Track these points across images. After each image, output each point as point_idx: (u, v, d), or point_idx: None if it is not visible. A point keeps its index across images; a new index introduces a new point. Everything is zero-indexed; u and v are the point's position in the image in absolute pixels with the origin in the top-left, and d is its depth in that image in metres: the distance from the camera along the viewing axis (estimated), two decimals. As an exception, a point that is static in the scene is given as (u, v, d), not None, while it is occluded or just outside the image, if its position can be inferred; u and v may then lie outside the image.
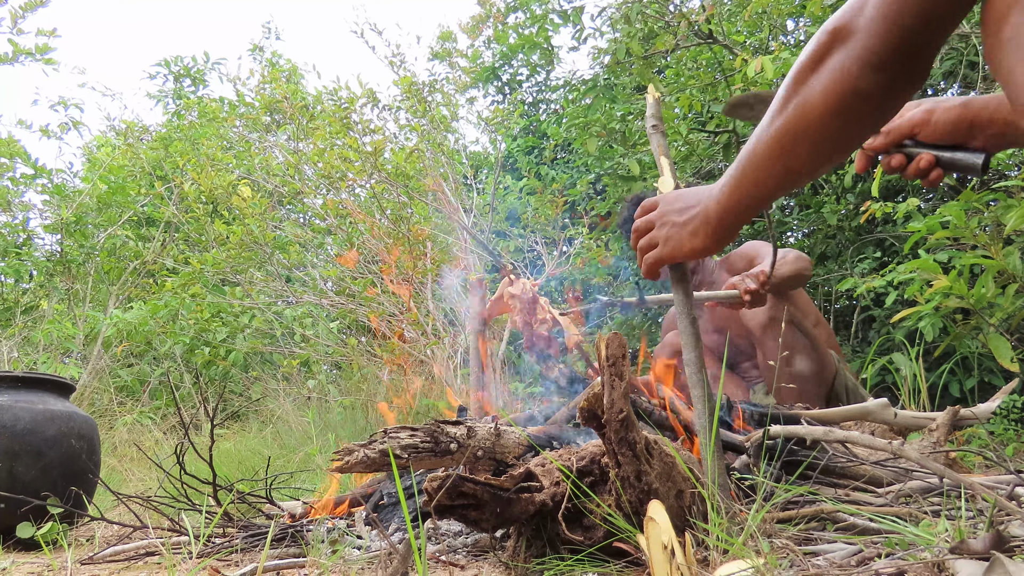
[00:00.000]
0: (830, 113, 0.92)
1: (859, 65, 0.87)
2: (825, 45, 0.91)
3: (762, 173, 1.07)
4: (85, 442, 2.27)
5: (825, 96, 0.92)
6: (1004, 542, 0.92)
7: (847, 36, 0.88)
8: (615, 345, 1.19)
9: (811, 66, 0.93)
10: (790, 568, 1.08)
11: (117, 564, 1.68)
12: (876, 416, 1.93)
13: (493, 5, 6.51)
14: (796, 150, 1.00)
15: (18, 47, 4.91)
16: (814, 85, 0.93)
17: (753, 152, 1.06)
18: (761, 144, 1.04)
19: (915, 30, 0.83)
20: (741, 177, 1.11)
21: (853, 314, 4.07)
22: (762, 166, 1.06)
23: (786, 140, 1.00)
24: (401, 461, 1.57)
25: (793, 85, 0.97)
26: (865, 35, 0.86)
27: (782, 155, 1.02)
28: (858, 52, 0.87)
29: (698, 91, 4.37)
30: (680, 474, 1.27)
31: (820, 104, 0.93)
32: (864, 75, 0.88)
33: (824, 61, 0.91)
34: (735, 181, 1.12)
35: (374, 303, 5.16)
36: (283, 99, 5.69)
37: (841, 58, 0.89)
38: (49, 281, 6.39)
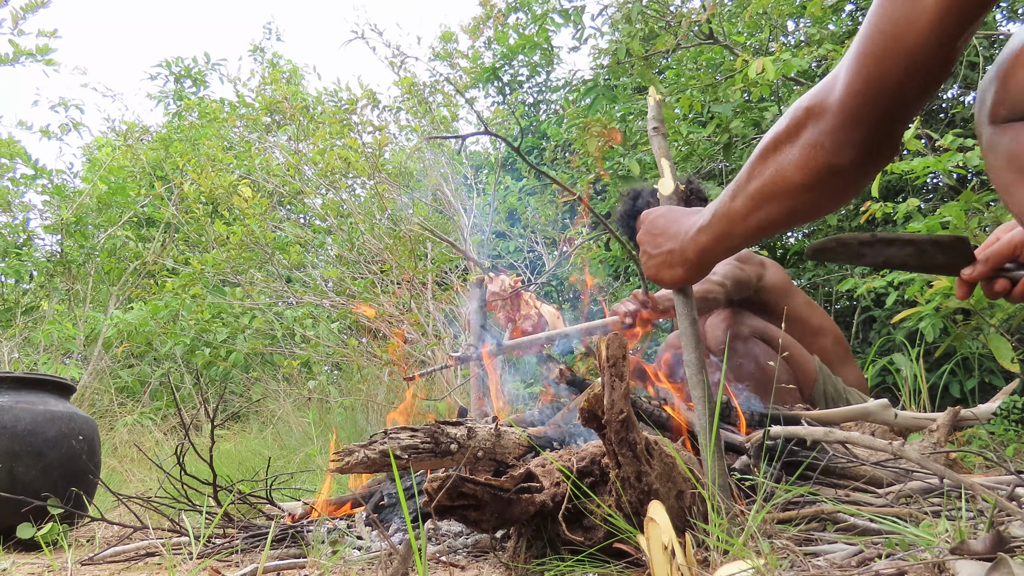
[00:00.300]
0: (804, 186, 0.96)
1: (831, 141, 0.90)
2: (799, 120, 0.94)
3: (737, 226, 1.12)
4: (85, 443, 2.27)
5: (800, 170, 0.95)
6: (1004, 543, 0.92)
7: (820, 114, 0.91)
8: (616, 346, 1.19)
9: (786, 138, 0.96)
10: (790, 569, 1.08)
11: (117, 565, 1.68)
12: (876, 417, 1.93)
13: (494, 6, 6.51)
14: (771, 210, 1.04)
15: (19, 48, 4.91)
16: (790, 157, 0.96)
17: (730, 207, 1.11)
18: (738, 201, 1.08)
19: (884, 109, 0.86)
20: (718, 224, 1.16)
21: (854, 315, 4.07)
22: (737, 219, 1.10)
23: (761, 201, 1.04)
24: (401, 462, 1.57)
25: (771, 151, 1.00)
26: (836, 114, 0.89)
27: (756, 212, 1.06)
28: (830, 129, 0.90)
29: (698, 91, 4.37)
30: (680, 475, 1.27)
31: (795, 176, 0.96)
32: (836, 151, 0.90)
33: (799, 135, 0.94)
34: (712, 228, 1.17)
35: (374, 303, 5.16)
36: (283, 100, 5.69)
37: (814, 134, 0.92)
38: (49, 282, 6.39)
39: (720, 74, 4.50)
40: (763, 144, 1.01)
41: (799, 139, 0.94)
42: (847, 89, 0.87)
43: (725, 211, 1.12)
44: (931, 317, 3.02)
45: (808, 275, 4.45)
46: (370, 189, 5.62)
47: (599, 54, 5.49)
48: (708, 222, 1.18)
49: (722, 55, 4.60)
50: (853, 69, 0.86)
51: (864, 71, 0.85)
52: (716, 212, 1.15)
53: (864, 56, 0.85)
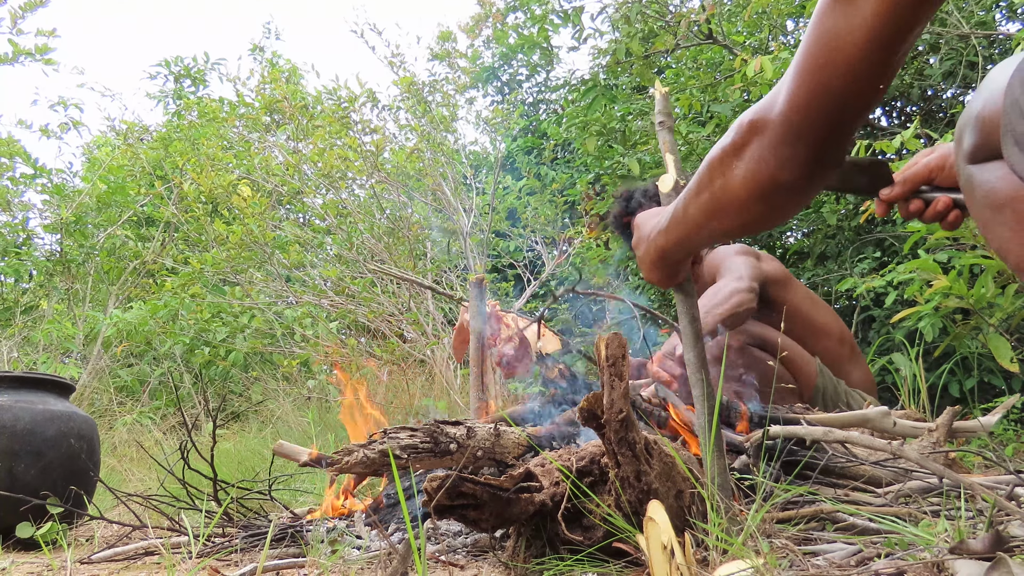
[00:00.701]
0: (752, 199, 0.97)
1: (775, 157, 0.91)
2: (744, 136, 0.94)
3: (692, 233, 1.15)
4: (85, 442, 2.27)
5: (746, 184, 0.96)
6: (1003, 542, 0.92)
7: (763, 129, 0.91)
8: (615, 345, 1.19)
9: (732, 152, 0.97)
10: (789, 568, 1.08)
11: (117, 564, 1.68)
12: (875, 424, 1.92)
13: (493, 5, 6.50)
14: (722, 221, 1.07)
15: (18, 47, 4.91)
16: (736, 172, 0.97)
17: (684, 215, 1.14)
18: (691, 211, 1.11)
19: (827, 123, 0.86)
20: (674, 230, 1.19)
21: (853, 314, 4.06)
22: (692, 227, 1.14)
23: (712, 212, 1.06)
24: (401, 461, 1.57)
25: (718, 165, 1.00)
26: (779, 128, 0.89)
27: (709, 222, 1.09)
28: (773, 144, 0.90)
29: (698, 91, 4.37)
30: (680, 474, 1.27)
31: (742, 190, 0.97)
32: (780, 167, 0.91)
33: (744, 150, 0.95)
34: (669, 232, 1.21)
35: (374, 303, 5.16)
36: (283, 99, 5.69)
37: (758, 149, 0.92)
38: (49, 281, 6.39)
39: (719, 73, 4.50)
40: (710, 158, 1.02)
41: (744, 154, 0.95)
42: (789, 103, 0.87)
43: (680, 218, 1.15)
44: (930, 317, 3.02)
45: (807, 275, 4.45)
46: (369, 189, 5.62)
47: (598, 54, 5.49)
48: (665, 227, 1.21)
49: (721, 55, 4.60)
50: (795, 83, 0.86)
51: (805, 85, 0.85)
52: (672, 217, 1.17)
53: (804, 70, 0.85)
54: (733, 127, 0.98)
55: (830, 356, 2.82)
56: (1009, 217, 0.79)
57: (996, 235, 0.83)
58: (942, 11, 3.76)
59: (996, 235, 0.83)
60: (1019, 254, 0.79)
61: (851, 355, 2.87)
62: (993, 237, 0.83)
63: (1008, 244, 0.81)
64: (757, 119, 0.92)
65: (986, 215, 0.83)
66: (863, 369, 2.89)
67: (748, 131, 0.94)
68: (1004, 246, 0.82)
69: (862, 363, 2.91)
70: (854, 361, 2.87)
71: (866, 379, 2.86)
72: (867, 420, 1.93)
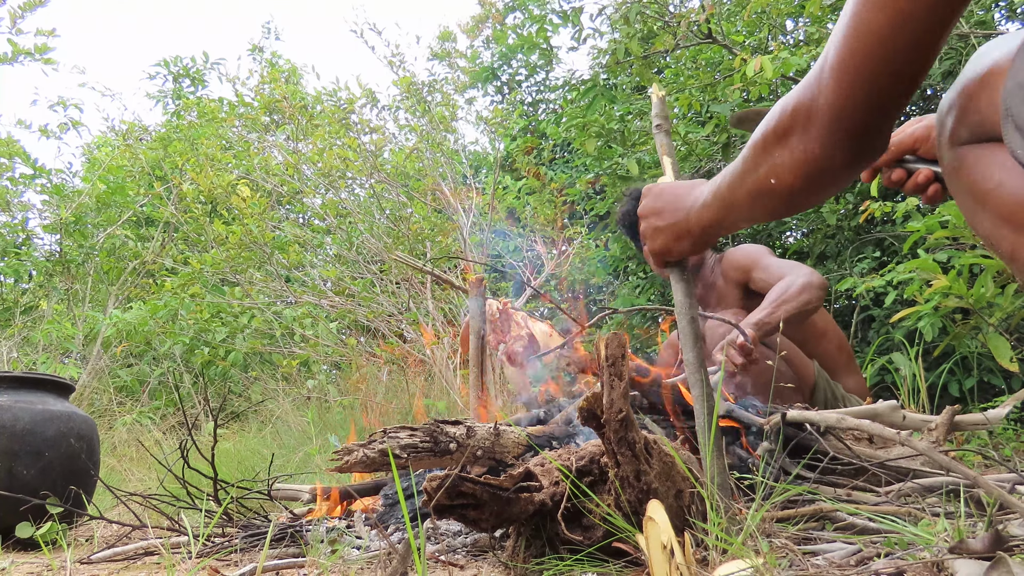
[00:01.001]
0: (798, 186, 0.97)
1: (821, 146, 0.91)
2: (787, 123, 0.95)
3: (737, 213, 1.15)
4: (84, 442, 2.27)
5: (793, 173, 0.96)
6: (1003, 542, 0.92)
7: (808, 118, 0.91)
8: (615, 345, 1.19)
9: (775, 140, 0.97)
10: (789, 568, 1.08)
11: (116, 564, 1.68)
12: (885, 418, 1.93)
13: (492, 5, 6.51)
14: (767, 204, 1.07)
15: (17, 47, 4.91)
16: (782, 159, 0.97)
17: (729, 197, 1.13)
18: (737, 193, 1.10)
19: (873, 111, 0.86)
20: (718, 208, 1.17)
21: (852, 314, 4.07)
22: (736, 208, 1.13)
23: (757, 195, 1.06)
24: (400, 461, 1.57)
25: (761, 151, 1.00)
26: (825, 118, 0.89)
27: (753, 205, 1.09)
28: (820, 134, 0.90)
29: (697, 91, 4.37)
30: (679, 474, 1.27)
31: (789, 177, 0.97)
32: (828, 155, 0.91)
33: (788, 139, 0.95)
34: (713, 208, 1.19)
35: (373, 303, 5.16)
36: (282, 99, 5.69)
37: (804, 139, 0.92)
38: (48, 281, 6.39)
39: (719, 73, 4.50)
40: (754, 143, 1.02)
41: (788, 142, 0.95)
42: (835, 93, 0.87)
43: (725, 197, 1.14)
44: (930, 316, 3.02)
45: (807, 274, 4.45)
46: (368, 189, 5.62)
47: (598, 54, 5.49)
48: (710, 202, 1.19)
49: (721, 54, 4.60)
50: (839, 72, 0.86)
51: (850, 75, 0.85)
52: (716, 195, 1.16)
53: (848, 60, 0.85)
54: (775, 112, 0.97)
55: (828, 361, 2.81)
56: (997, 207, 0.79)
57: (981, 224, 0.83)
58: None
59: (981, 224, 0.83)
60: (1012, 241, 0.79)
61: (847, 362, 2.87)
62: (977, 225, 0.84)
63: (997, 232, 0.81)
64: (800, 106, 0.92)
65: (970, 205, 0.84)
66: (858, 377, 2.89)
67: (791, 119, 0.94)
68: (994, 234, 0.82)
69: (857, 371, 2.91)
70: (850, 368, 2.87)
71: (860, 388, 2.86)
72: (877, 414, 1.93)
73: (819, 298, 2.55)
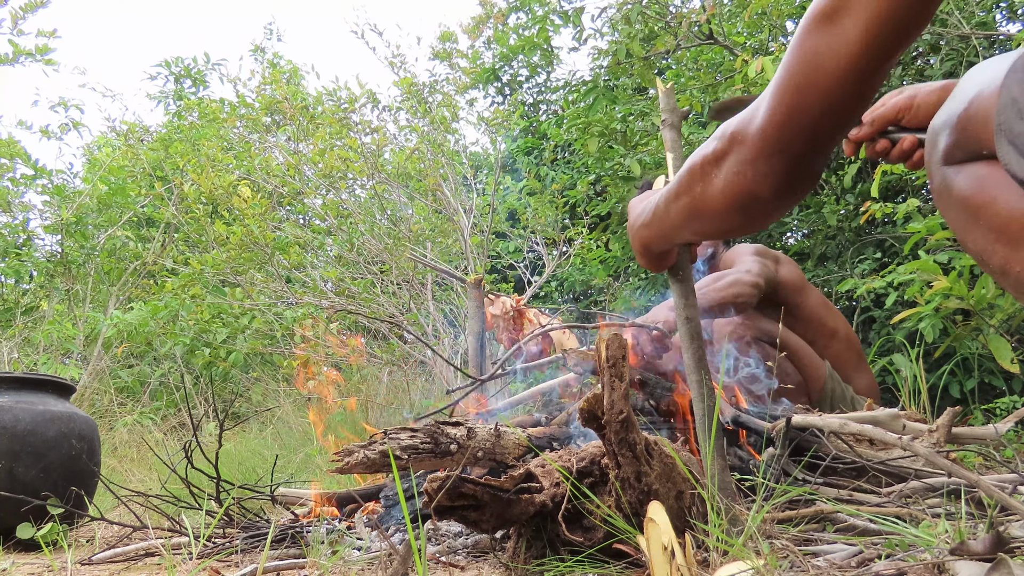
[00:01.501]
0: (729, 208, 0.99)
1: (752, 170, 0.92)
2: (724, 147, 0.95)
3: (673, 231, 1.18)
4: (85, 443, 2.27)
5: (724, 195, 0.97)
6: (1004, 543, 0.92)
7: (742, 142, 0.92)
8: (615, 346, 1.19)
9: (712, 161, 0.98)
10: (790, 569, 1.08)
11: (117, 565, 1.68)
12: (884, 425, 1.93)
13: (494, 6, 6.51)
14: (700, 226, 1.09)
15: (18, 48, 4.91)
16: (715, 181, 0.98)
17: (665, 213, 1.16)
18: (671, 210, 1.13)
19: (804, 141, 0.87)
20: (656, 224, 1.20)
21: (853, 315, 4.06)
22: (671, 226, 1.16)
23: (691, 217, 1.08)
24: (401, 462, 1.57)
25: (698, 171, 1.02)
26: (757, 143, 0.90)
27: (688, 224, 1.12)
28: (751, 159, 0.91)
29: (698, 91, 4.37)
30: (680, 475, 1.27)
31: (720, 199, 0.99)
32: (757, 180, 0.92)
33: (723, 161, 0.96)
34: (651, 225, 1.22)
35: (374, 304, 5.16)
36: (283, 100, 5.68)
37: (736, 162, 0.93)
38: (49, 282, 6.39)
39: (720, 74, 4.50)
40: (691, 163, 1.04)
41: (723, 165, 0.96)
42: (769, 119, 0.88)
43: (662, 215, 1.17)
44: (931, 318, 3.02)
45: (808, 276, 4.45)
46: (369, 190, 5.62)
47: (599, 55, 5.50)
48: (648, 220, 1.22)
49: (722, 55, 4.60)
50: (775, 100, 0.87)
51: (785, 102, 0.86)
52: (654, 213, 1.19)
53: (785, 88, 0.85)
54: (715, 135, 0.98)
55: (839, 361, 2.83)
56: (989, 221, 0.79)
57: (973, 240, 0.83)
58: (942, 11, 3.76)
59: (973, 240, 0.83)
60: (1004, 256, 0.79)
61: (857, 361, 2.89)
62: (970, 240, 0.83)
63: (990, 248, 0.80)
64: (737, 131, 0.93)
65: (963, 220, 0.83)
66: (868, 376, 2.90)
67: (729, 142, 0.95)
68: (986, 250, 0.81)
69: (867, 370, 2.92)
70: (860, 367, 2.89)
71: (871, 386, 2.88)
72: (876, 421, 1.94)
73: (749, 294, 2.61)
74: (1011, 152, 0.72)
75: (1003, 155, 0.73)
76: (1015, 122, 0.71)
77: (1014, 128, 0.71)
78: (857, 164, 3.99)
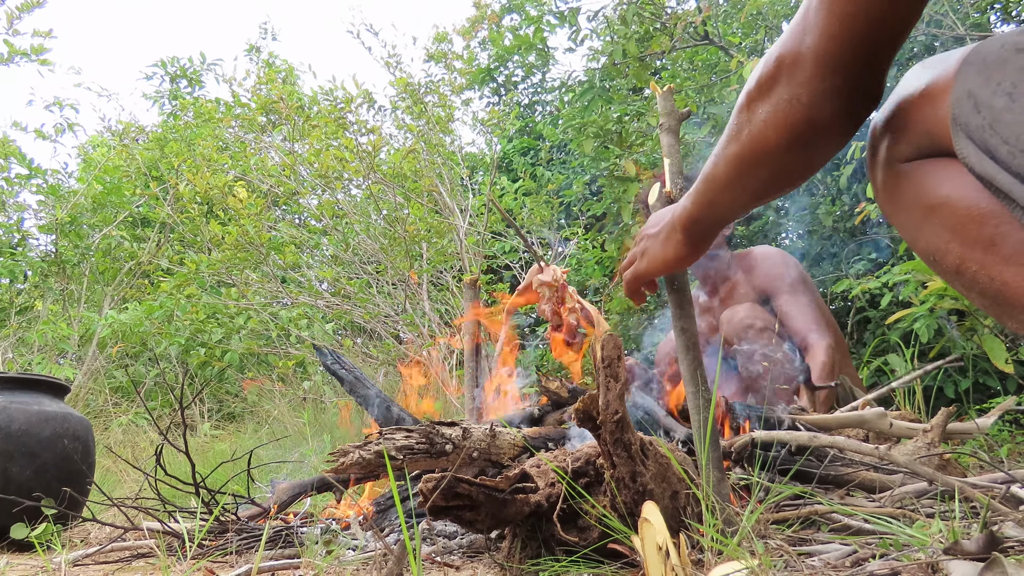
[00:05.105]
0: (783, 146, 0.88)
1: (808, 93, 0.83)
2: (771, 74, 0.86)
3: (721, 194, 1.04)
4: (80, 443, 2.27)
5: (777, 129, 0.87)
6: (997, 543, 0.92)
7: (793, 64, 0.83)
8: (611, 347, 1.19)
9: (759, 95, 0.89)
10: (784, 569, 1.08)
11: (111, 566, 1.68)
12: (872, 425, 1.93)
13: (488, 7, 6.51)
14: (752, 176, 0.96)
15: (13, 48, 4.91)
16: (764, 115, 0.88)
17: (713, 174, 1.03)
18: (719, 168, 1.00)
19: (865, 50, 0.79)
20: (703, 194, 1.08)
21: (848, 315, 4.07)
22: (721, 188, 1.03)
23: (741, 167, 0.96)
24: (396, 462, 1.57)
25: (744, 111, 0.92)
26: (812, 61, 0.81)
27: (740, 180, 0.98)
28: (806, 80, 0.82)
29: (694, 92, 4.38)
30: (675, 475, 1.27)
31: (772, 137, 0.88)
32: (815, 104, 0.83)
33: (772, 91, 0.87)
34: (698, 194, 1.09)
35: (370, 304, 5.16)
36: (279, 100, 5.68)
37: (789, 88, 0.84)
38: (44, 282, 6.38)
39: (715, 75, 4.51)
40: (738, 104, 0.94)
41: (772, 95, 0.86)
42: (822, 32, 0.79)
43: (710, 177, 1.04)
44: (925, 318, 3.03)
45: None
46: (365, 190, 5.62)
47: (594, 55, 5.50)
48: (695, 188, 1.10)
49: (717, 56, 4.61)
50: (826, 8, 0.78)
51: (836, 11, 0.78)
52: (703, 177, 1.07)
53: None
54: (759, 66, 0.89)
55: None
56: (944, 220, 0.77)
57: (926, 239, 0.80)
58: (937, 13, 3.78)
59: (926, 239, 0.80)
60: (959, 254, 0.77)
61: (843, 360, 2.94)
62: (922, 238, 0.80)
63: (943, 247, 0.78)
64: (785, 53, 0.83)
65: (914, 218, 0.80)
66: (853, 374, 2.95)
67: (775, 67, 0.85)
68: (939, 249, 0.79)
69: (853, 371, 2.97)
70: (846, 367, 2.94)
71: (856, 385, 2.92)
72: (864, 422, 1.94)
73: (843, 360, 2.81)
74: (969, 146, 0.71)
75: (960, 149, 0.72)
76: (971, 115, 0.70)
77: (971, 122, 0.70)
78: (852, 165, 4.00)
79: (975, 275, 0.75)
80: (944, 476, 1.38)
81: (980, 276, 0.75)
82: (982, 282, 0.75)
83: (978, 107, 0.69)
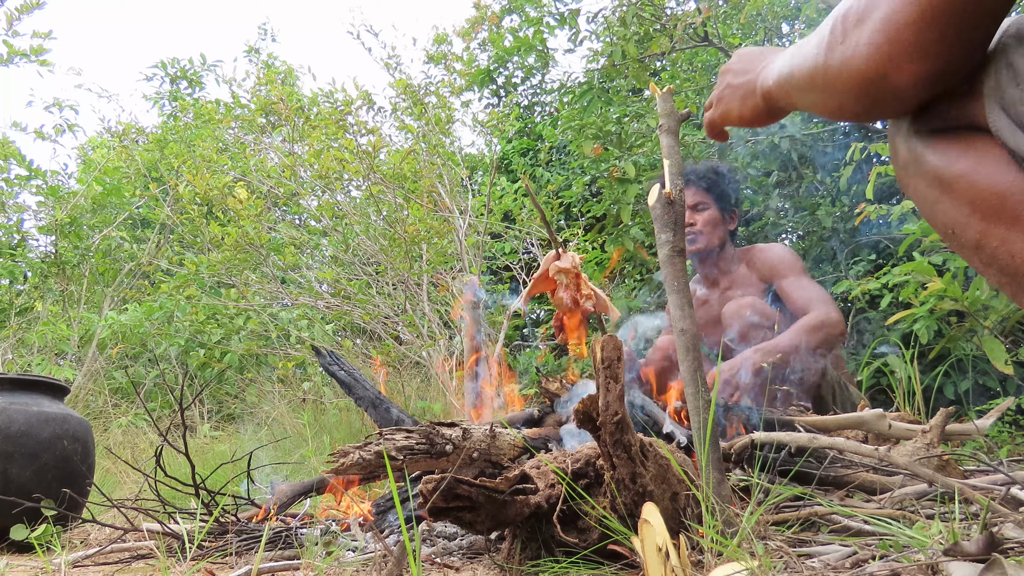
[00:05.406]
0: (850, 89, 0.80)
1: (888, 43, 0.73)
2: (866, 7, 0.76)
3: (792, 95, 0.96)
4: (79, 444, 2.27)
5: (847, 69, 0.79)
6: (997, 544, 0.92)
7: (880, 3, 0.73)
8: (610, 347, 1.19)
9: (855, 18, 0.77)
10: (784, 570, 1.08)
11: (111, 567, 1.68)
12: (871, 426, 1.93)
13: (488, 8, 6.51)
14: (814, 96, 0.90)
15: (13, 49, 4.90)
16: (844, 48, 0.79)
17: (789, 75, 0.95)
18: (795, 75, 0.93)
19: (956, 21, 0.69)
20: (783, 84, 0.99)
21: (848, 316, 4.07)
22: (792, 89, 0.95)
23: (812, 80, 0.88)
24: (396, 463, 1.57)
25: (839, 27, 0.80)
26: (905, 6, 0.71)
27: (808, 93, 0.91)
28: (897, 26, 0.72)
29: (693, 93, 4.38)
30: (675, 476, 1.27)
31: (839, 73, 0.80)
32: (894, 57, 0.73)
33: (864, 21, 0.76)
34: (780, 80, 1.00)
35: (369, 305, 5.16)
36: (278, 101, 5.67)
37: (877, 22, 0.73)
38: (44, 283, 6.38)
39: (715, 76, 4.51)
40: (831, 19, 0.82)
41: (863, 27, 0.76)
42: None
43: (787, 75, 0.96)
44: (925, 319, 3.03)
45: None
46: (365, 191, 5.62)
47: (594, 56, 5.50)
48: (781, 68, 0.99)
49: (717, 57, 4.61)
50: None
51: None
52: (780, 70, 0.99)
53: None
54: None
55: None
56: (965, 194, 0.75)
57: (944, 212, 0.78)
58: None
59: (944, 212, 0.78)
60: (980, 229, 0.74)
61: (835, 360, 2.95)
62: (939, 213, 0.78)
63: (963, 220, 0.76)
64: None
65: (933, 192, 0.78)
66: (846, 373, 2.96)
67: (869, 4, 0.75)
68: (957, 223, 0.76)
69: (845, 370, 2.97)
70: (837, 365, 2.94)
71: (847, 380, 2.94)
72: (863, 423, 1.94)
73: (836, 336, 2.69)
74: (1002, 118, 0.70)
75: (993, 121, 0.70)
76: (1008, 87, 0.69)
77: (1007, 93, 0.69)
78: (852, 166, 4.00)
79: (995, 251, 0.73)
80: (944, 477, 1.38)
81: (1000, 252, 0.73)
82: (1002, 258, 0.73)
83: (1017, 79, 0.68)
